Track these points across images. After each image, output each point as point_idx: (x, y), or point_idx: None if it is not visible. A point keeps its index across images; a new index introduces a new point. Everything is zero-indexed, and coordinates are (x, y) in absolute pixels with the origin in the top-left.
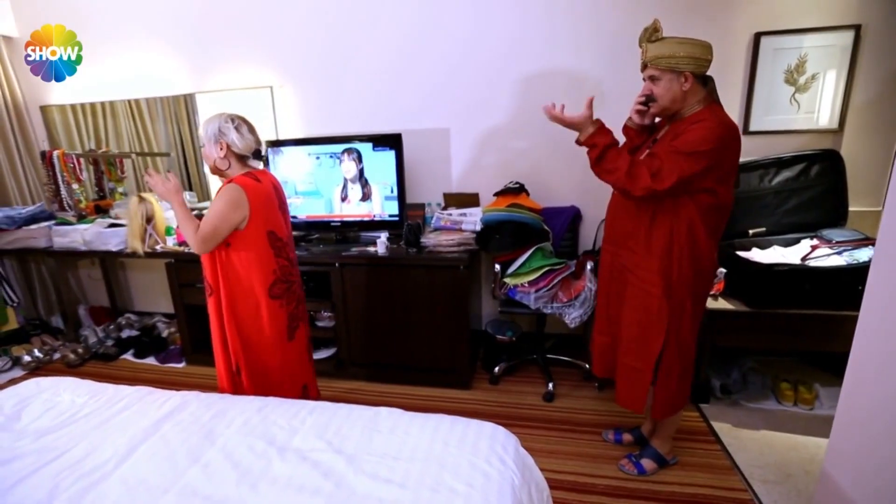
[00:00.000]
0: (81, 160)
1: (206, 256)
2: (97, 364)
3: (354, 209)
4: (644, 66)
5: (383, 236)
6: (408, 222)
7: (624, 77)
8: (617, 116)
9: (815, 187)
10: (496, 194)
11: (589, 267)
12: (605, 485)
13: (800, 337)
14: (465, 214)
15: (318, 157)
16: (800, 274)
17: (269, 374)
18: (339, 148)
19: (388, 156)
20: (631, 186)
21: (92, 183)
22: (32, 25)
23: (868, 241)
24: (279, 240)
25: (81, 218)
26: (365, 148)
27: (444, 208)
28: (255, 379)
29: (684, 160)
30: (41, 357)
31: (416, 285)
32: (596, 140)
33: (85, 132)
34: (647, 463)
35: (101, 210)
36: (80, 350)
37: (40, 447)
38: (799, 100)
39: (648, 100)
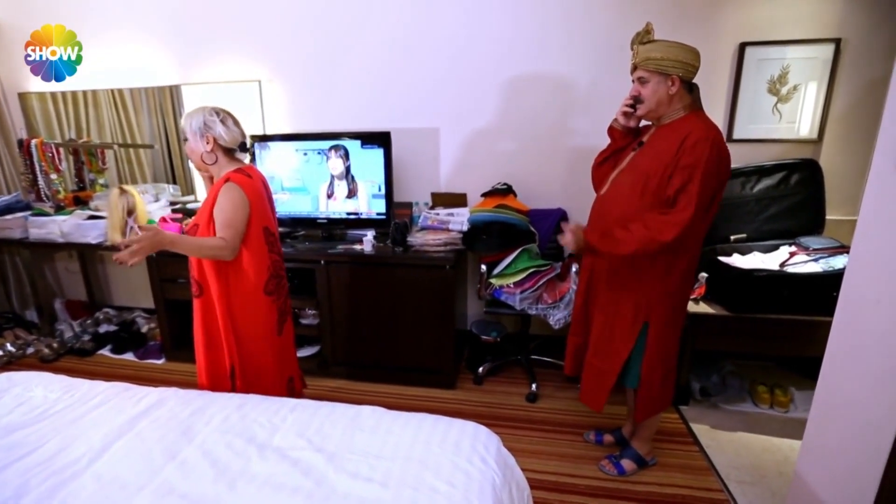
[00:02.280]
0: (61, 150)
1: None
2: (73, 359)
3: (340, 206)
4: (634, 68)
5: (370, 234)
6: (395, 221)
7: (613, 81)
8: (605, 120)
9: (795, 195)
10: (484, 195)
11: (574, 269)
12: (585, 485)
13: (777, 341)
14: (452, 214)
15: (305, 154)
16: (778, 280)
17: (263, 371)
18: (327, 144)
19: (377, 154)
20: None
21: (71, 173)
22: (14, 7)
23: (843, 249)
24: (272, 235)
25: (59, 209)
26: (353, 145)
27: (432, 208)
28: (248, 378)
29: (702, 181)
30: (14, 351)
31: (401, 284)
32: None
33: (65, 121)
34: (626, 463)
35: (81, 201)
36: (55, 345)
37: (10, 443)
38: (781, 109)
39: (636, 101)
